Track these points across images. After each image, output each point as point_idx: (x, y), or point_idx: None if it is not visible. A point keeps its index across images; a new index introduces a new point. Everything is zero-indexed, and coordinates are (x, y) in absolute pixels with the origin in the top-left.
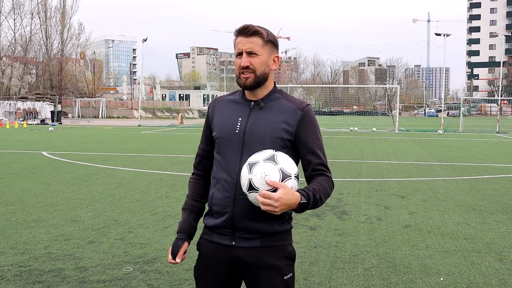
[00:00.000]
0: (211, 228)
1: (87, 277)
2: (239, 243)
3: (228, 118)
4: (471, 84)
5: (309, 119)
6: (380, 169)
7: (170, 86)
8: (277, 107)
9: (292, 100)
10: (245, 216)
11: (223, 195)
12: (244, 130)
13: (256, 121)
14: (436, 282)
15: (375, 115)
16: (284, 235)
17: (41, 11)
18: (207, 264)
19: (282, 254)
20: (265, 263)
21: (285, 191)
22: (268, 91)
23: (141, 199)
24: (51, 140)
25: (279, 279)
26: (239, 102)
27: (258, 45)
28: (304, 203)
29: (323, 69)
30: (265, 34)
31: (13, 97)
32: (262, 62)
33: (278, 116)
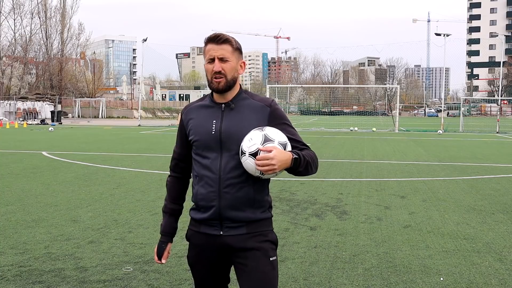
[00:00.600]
0: (199, 221)
1: (87, 277)
2: (226, 232)
3: (203, 122)
4: (471, 84)
5: (276, 112)
6: (380, 169)
7: (170, 86)
8: (246, 106)
9: (258, 98)
10: (231, 207)
11: (208, 191)
12: (220, 131)
13: (230, 121)
14: (436, 282)
15: (375, 115)
16: (265, 222)
17: (41, 11)
18: (198, 252)
19: (265, 239)
20: (251, 246)
21: (277, 150)
22: (236, 93)
23: (141, 199)
24: (51, 140)
25: (265, 259)
26: (210, 106)
27: (229, 52)
28: (296, 158)
29: (323, 69)
30: (234, 42)
31: (13, 97)
32: (232, 68)
33: (249, 115)
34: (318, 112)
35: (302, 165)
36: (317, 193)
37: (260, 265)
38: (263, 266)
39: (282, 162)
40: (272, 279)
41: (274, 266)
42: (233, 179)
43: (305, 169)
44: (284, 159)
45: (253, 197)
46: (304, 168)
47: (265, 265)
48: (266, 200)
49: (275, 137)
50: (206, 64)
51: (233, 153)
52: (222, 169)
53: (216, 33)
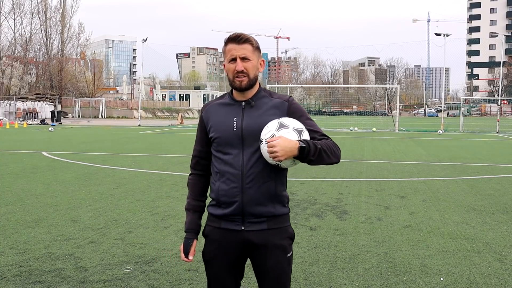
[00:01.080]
0: (219, 217)
1: (87, 277)
2: (248, 227)
3: (224, 119)
4: (471, 84)
5: (295, 106)
6: (380, 169)
7: (170, 86)
8: (266, 103)
9: (276, 96)
10: (253, 202)
11: (230, 187)
12: (241, 128)
13: (250, 118)
14: (436, 282)
15: (375, 115)
16: (285, 217)
17: (41, 11)
18: (217, 248)
19: (285, 235)
20: (271, 243)
21: (282, 138)
22: (256, 91)
23: (141, 199)
24: (51, 140)
25: (283, 257)
26: (230, 104)
27: (250, 51)
28: (303, 147)
29: (323, 69)
30: (254, 41)
31: (13, 97)
32: (253, 66)
33: (268, 111)
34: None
35: (313, 154)
36: (317, 193)
37: (278, 263)
38: (281, 263)
39: (286, 150)
40: (287, 275)
41: (289, 261)
42: (255, 175)
43: (318, 157)
44: (288, 146)
45: (274, 191)
46: (317, 157)
47: (283, 261)
48: (285, 195)
49: (290, 124)
50: (228, 64)
51: (254, 149)
52: (244, 165)
53: (236, 33)
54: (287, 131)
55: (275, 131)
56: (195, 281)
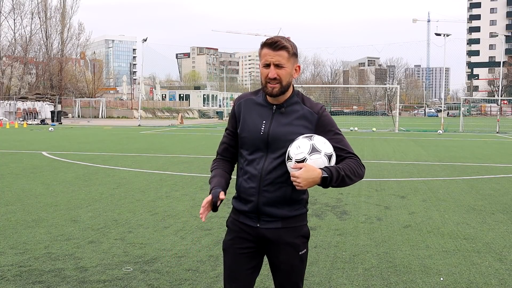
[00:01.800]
0: (239, 211)
1: (87, 277)
2: (263, 225)
3: (254, 120)
4: (471, 84)
5: (324, 119)
6: (380, 169)
7: (170, 86)
8: (296, 111)
9: (308, 104)
10: (268, 204)
11: (249, 186)
12: (268, 133)
13: (278, 124)
14: (436, 282)
15: (375, 115)
16: (300, 217)
17: (41, 11)
18: (234, 238)
19: (299, 234)
20: (284, 241)
21: (305, 169)
22: (288, 95)
23: (141, 199)
24: (51, 140)
25: (295, 254)
26: (263, 105)
27: (285, 58)
28: (325, 177)
29: (323, 69)
30: (290, 48)
31: (13, 97)
32: (287, 73)
33: (297, 120)
34: None
35: (335, 181)
36: (317, 193)
37: (290, 260)
38: (293, 260)
39: (308, 181)
40: (299, 272)
41: (303, 259)
42: (273, 179)
43: (341, 182)
44: (311, 177)
45: (290, 196)
46: (340, 182)
47: (294, 259)
48: (303, 198)
49: (322, 149)
50: (262, 68)
51: (277, 155)
52: (264, 169)
53: (274, 38)
54: (318, 157)
55: (307, 155)
56: (195, 281)
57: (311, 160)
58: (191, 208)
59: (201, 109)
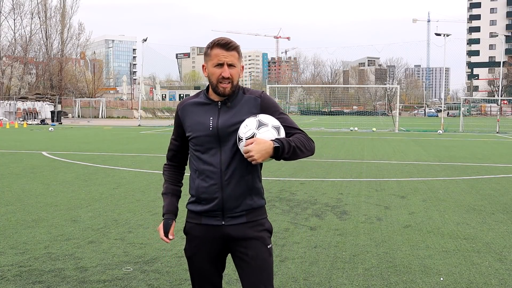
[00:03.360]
0: (200, 213)
1: (87, 277)
2: (228, 221)
3: (201, 119)
4: (471, 84)
5: (267, 102)
6: (380, 169)
7: (170, 86)
8: (239, 101)
9: (249, 92)
10: (233, 197)
11: (209, 184)
12: (217, 127)
13: (225, 117)
14: (436, 282)
15: (375, 115)
16: (261, 210)
17: (41, 11)
18: (198, 244)
19: (263, 228)
20: (250, 235)
21: (256, 142)
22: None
23: (141, 199)
24: (51, 140)
25: (264, 247)
26: (206, 104)
27: (236, 59)
28: (277, 147)
29: (323, 69)
30: (239, 48)
31: (13, 97)
32: (237, 73)
33: (242, 108)
34: (318, 112)
35: (287, 152)
36: (317, 193)
37: (259, 253)
38: (262, 254)
39: (262, 152)
40: (269, 266)
41: (270, 253)
42: (233, 171)
43: (293, 154)
44: (263, 149)
45: (252, 185)
46: (291, 154)
47: (264, 252)
48: (261, 187)
49: (269, 121)
50: (213, 68)
51: (231, 147)
52: (222, 163)
53: (225, 39)
54: (266, 129)
55: (255, 130)
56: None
57: (260, 134)
58: None
59: None
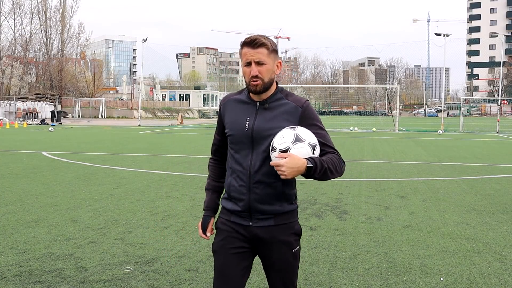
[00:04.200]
0: (230, 211)
1: (87, 277)
2: (256, 223)
3: (238, 118)
4: (471, 84)
5: (308, 113)
6: (380, 169)
7: (170, 86)
8: (280, 106)
9: (292, 98)
10: (260, 201)
11: (239, 184)
12: (252, 128)
13: (262, 120)
14: (436, 282)
15: (375, 115)
16: (292, 214)
17: (41, 11)
18: (225, 238)
19: (291, 231)
20: (277, 239)
21: (290, 158)
22: (272, 92)
23: (141, 199)
24: (51, 140)
25: (289, 252)
26: (246, 102)
27: (265, 55)
28: (310, 167)
29: (323, 69)
30: (269, 45)
31: (13, 97)
32: (268, 70)
33: (281, 115)
34: (318, 112)
35: (319, 172)
36: (317, 193)
37: (283, 257)
38: (287, 258)
39: (293, 169)
40: (293, 268)
41: (296, 256)
42: (262, 176)
43: (323, 174)
44: (296, 167)
45: (282, 191)
46: (322, 174)
47: (288, 256)
48: (293, 193)
49: (306, 138)
50: (244, 67)
51: (263, 150)
52: (252, 166)
53: (252, 37)
54: (302, 146)
55: (291, 144)
56: (195, 281)
57: (295, 149)
58: (191, 208)
59: (201, 109)
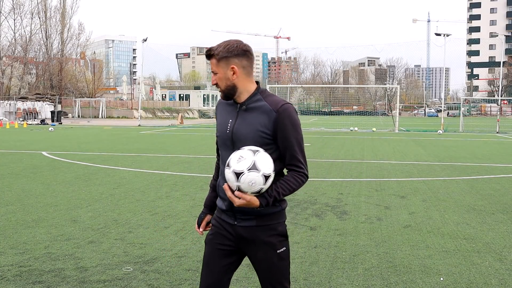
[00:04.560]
0: (220, 209)
1: (87, 277)
2: (240, 222)
3: (223, 120)
4: (471, 84)
5: (283, 119)
6: (380, 169)
7: (170, 86)
8: (258, 108)
9: (270, 101)
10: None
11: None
12: (232, 131)
13: (241, 122)
14: (436, 282)
15: (375, 115)
16: (275, 215)
17: (41, 11)
18: (214, 233)
19: (274, 232)
20: (260, 239)
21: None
22: (250, 94)
23: (141, 199)
24: (51, 140)
25: (272, 252)
26: (231, 105)
27: (215, 65)
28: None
29: (323, 69)
30: (217, 53)
31: (13, 97)
32: (221, 78)
33: (257, 118)
34: (318, 112)
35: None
36: (317, 193)
37: (267, 257)
38: (270, 258)
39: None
40: (280, 271)
41: (282, 257)
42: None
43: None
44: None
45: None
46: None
47: (272, 257)
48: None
49: (262, 168)
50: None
51: None
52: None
53: (207, 48)
54: (256, 175)
55: (246, 170)
56: (195, 281)
57: (248, 175)
58: (191, 208)
59: (201, 109)
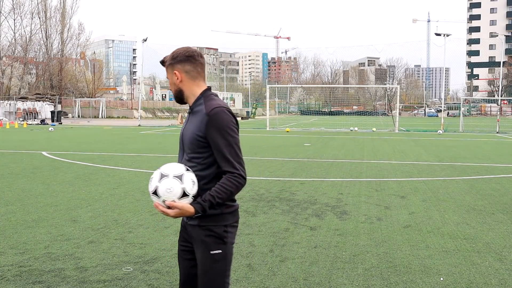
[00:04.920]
0: None
1: (87, 277)
2: (189, 221)
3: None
4: (471, 84)
5: (212, 122)
6: (380, 169)
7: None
8: (198, 112)
9: (207, 104)
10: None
11: None
12: (182, 133)
13: (187, 125)
14: (436, 282)
15: (375, 115)
16: (214, 218)
17: (41, 11)
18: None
19: (210, 233)
20: (199, 238)
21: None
22: (196, 97)
23: (141, 199)
24: (51, 140)
25: (207, 253)
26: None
27: (167, 73)
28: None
29: (323, 69)
30: (165, 61)
31: (13, 97)
32: (171, 84)
33: (196, 121)
34: (318, 112)
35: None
36: (317, 193)
37: (202, 258)
38: (205, 259)
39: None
40: (211, 271)
41: (215, 259)
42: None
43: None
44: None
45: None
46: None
47: (206, 258)
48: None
49: (191, 191)
50: None
51: (187, 156)
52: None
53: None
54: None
55: (158, 183)
56: None
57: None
58: None
59: None
